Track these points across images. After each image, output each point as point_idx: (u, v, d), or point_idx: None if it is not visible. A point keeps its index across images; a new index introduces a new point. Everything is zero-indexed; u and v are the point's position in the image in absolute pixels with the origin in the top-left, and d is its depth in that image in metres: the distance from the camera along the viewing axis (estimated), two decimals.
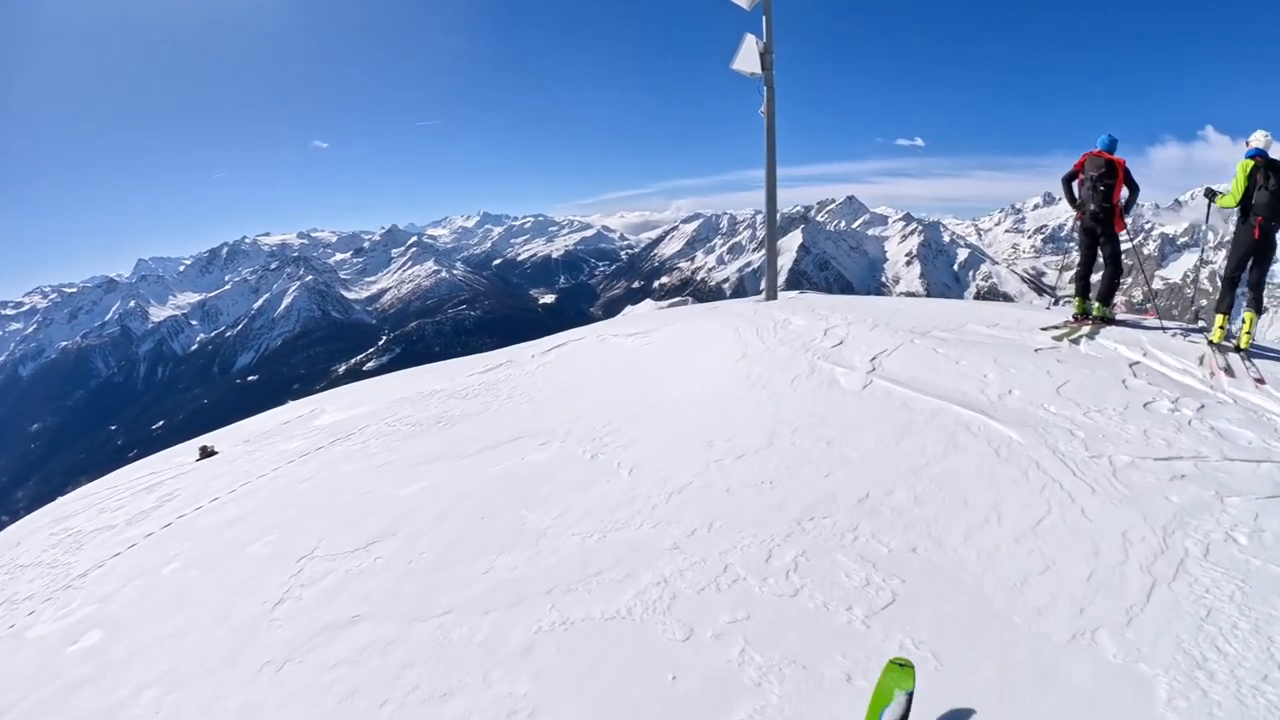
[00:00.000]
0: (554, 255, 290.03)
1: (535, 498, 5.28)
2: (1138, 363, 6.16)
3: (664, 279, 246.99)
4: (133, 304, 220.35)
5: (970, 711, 2.84)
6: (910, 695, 2.60)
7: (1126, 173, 6.97)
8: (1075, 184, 7.39)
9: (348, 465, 6.89)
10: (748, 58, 11.24)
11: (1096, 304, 7.36)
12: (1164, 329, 7.01)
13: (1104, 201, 6.96)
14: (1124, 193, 7.05)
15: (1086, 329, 7.05)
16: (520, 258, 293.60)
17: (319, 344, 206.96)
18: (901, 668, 2.68)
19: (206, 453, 9.31)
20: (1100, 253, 7.31)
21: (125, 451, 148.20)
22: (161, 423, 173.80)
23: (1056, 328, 7.15)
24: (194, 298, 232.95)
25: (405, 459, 6.70)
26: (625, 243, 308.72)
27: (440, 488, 5.76)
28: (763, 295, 11.84)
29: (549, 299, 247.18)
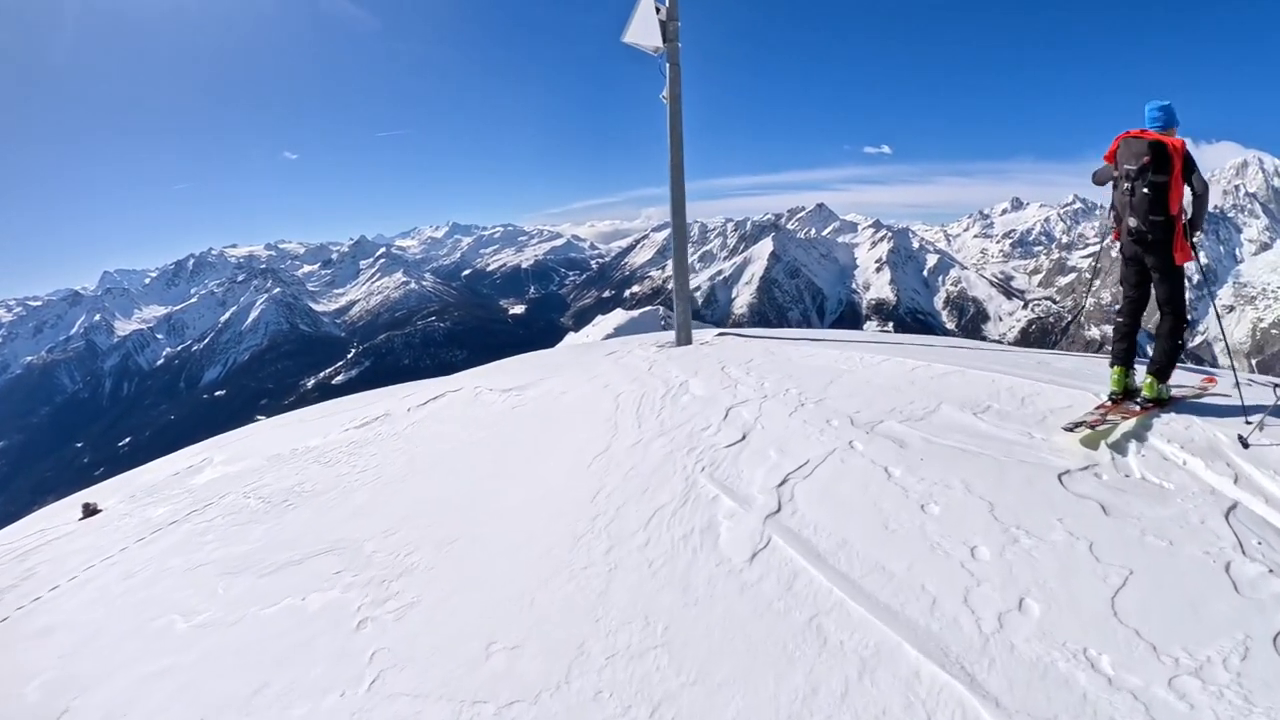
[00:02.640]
0: (524, 265, 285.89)
1: (260, 700, 3.73)
2: (1235, 506, 3.37)
3: (635, 288, 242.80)
4: (98, 317, 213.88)
5: None
6: None
7: (1188, 162, 4.13)
8: (1111, 186, 4.57)
9: (175, 559, 5.91)
10: (644, 28, 8.46)
11: (1148, 379, 4.51)
12: (1245, 412, 4.19)
13: (1153, 211, 4.13)
14: (1186, 197, 4.22)
15: (1130, 423, 4.22)
16: (490, 268, 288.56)
17: (287, 358, 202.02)
18: None
19: (89, 510, 8.60)
20: (1155, 295, 4.47)
21: (92, 469, 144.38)
22: (128, 439, 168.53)
23: (1087, 425, 4.28)
24: (160, 311, 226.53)
25: (220, 561, 5.60)
26: (596, 252, 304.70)
27: (207, 632, 4.60)
28: (674, 337, 9.01)
29: (519, 309, 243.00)
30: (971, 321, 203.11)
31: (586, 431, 5.94)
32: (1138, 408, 4.38)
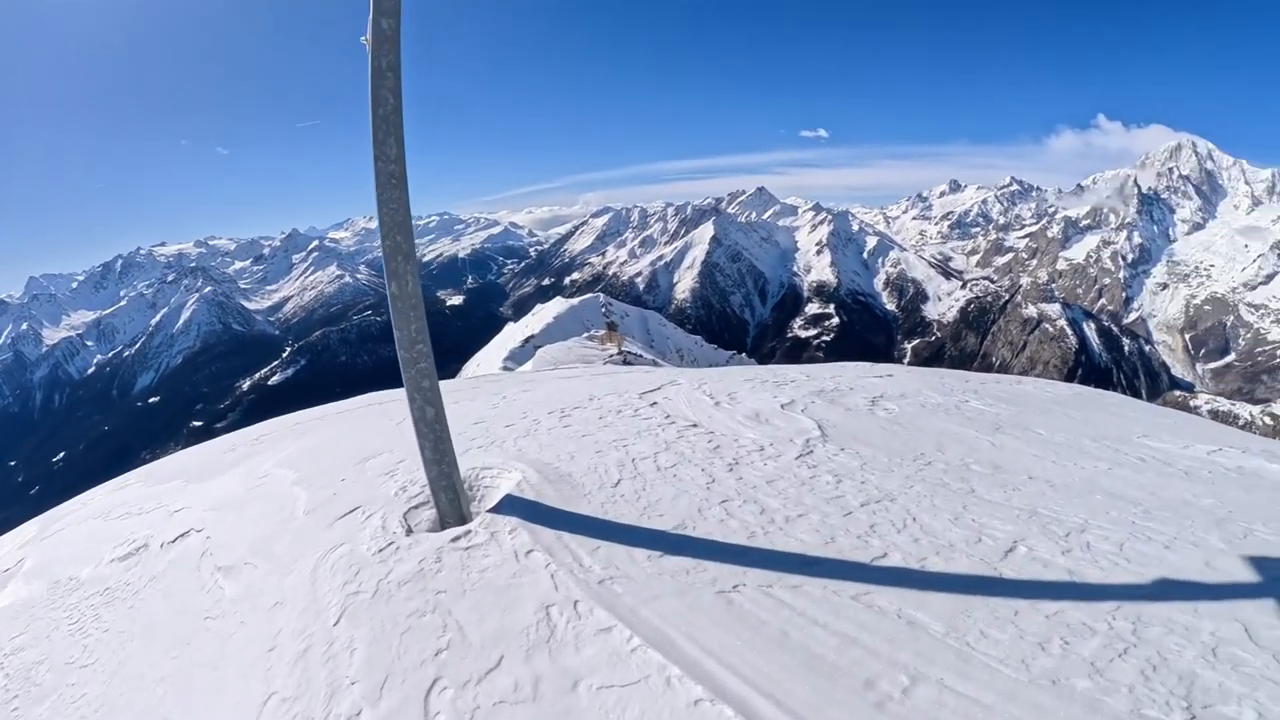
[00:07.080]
0: (460, 254, 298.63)
1: None
2: None
3: (575, 275, 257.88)
4: (25, 326, 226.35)
5: None
6: None
7: None
8: None
9: None
10: None
11: None
12: None
13: None
14: None
15: None
16: (426, 258, 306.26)
17: (221, 359, 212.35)
18: None
19: None
20: None
21: (28, 488, 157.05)
22: (62, 454, 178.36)
23: None
24: (89, 316, 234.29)
25: None
26: (534, 239, 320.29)
27: None
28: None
29: (457, 300, 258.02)
30: (911, 302, 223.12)
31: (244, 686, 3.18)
32: None
